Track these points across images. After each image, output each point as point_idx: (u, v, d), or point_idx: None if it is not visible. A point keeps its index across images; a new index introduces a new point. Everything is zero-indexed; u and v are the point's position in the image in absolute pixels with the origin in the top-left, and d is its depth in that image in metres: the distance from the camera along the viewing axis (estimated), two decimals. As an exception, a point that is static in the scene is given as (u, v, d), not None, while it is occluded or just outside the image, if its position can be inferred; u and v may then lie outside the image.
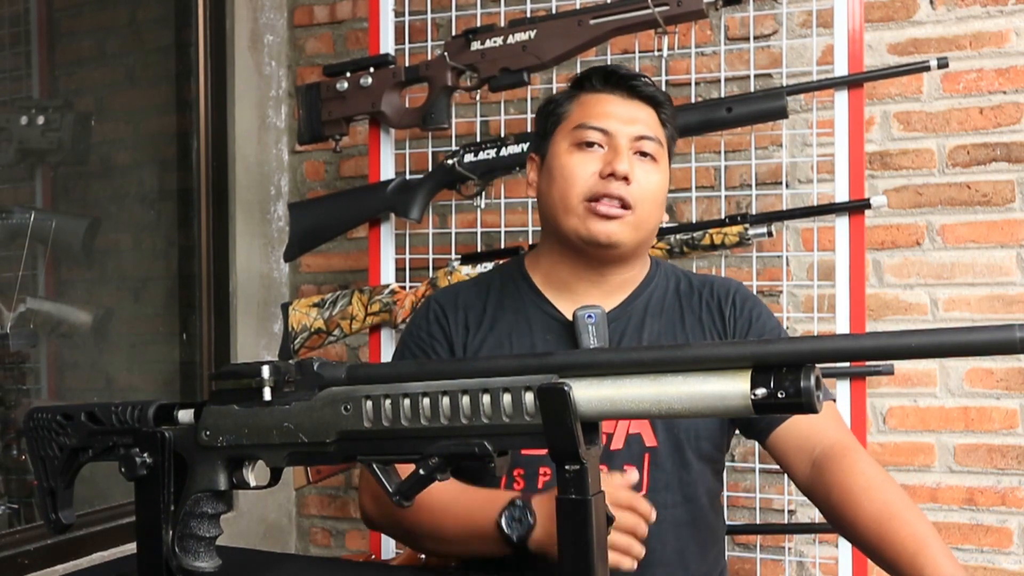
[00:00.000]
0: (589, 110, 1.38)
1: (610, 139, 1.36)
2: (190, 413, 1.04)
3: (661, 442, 1.35)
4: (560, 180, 1.37)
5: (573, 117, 1.39)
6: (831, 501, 1.26)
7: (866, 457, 1.28)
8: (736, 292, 1.44)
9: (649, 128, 1.38)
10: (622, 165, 1.33)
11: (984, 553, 2.14)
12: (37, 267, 2.28)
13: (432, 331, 1.43)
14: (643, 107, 1.39)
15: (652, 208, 1.37)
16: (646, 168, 1.36)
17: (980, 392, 2.15)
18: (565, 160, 1.37)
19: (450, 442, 0.90)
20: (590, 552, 0.83)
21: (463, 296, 1.46)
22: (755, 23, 2.17)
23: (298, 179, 2.78)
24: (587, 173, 1.35)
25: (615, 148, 1.35)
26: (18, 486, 2.08)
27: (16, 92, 2.36)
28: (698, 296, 1.44)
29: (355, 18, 2.70)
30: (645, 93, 1.40)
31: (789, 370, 0.78)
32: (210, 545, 1.03)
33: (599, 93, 1.39)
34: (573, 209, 1.35)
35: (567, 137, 1.38)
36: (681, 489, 1.35)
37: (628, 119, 1.37)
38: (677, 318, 1.41)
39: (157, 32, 2.59)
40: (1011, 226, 2.14)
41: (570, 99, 1.42)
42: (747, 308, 1.42)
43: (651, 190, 1.36)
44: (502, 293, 1.45)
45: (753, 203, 2.15)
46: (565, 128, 1.39)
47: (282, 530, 2.73)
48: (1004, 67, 2.13)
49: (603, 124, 1.36)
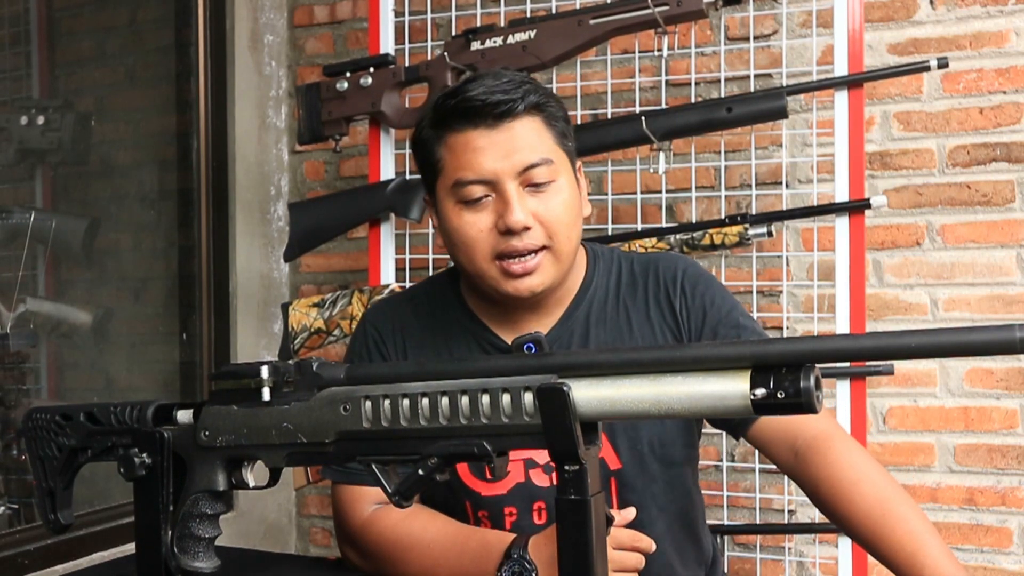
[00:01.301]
0: (460, 159, 1.24)
1: (493, 186, 1.24)
2: (189, 413, 1.04)
3: (625, 463, 1.31)
4: (460, 244, 1.27)
5: (448, 170, 1.26)
6: (820, 494, 1.24)
7: (852, 445, 1.25)
8: (684, 276, 1.35)
9: (532, 151, 1.24)
10: (515, 216, 1.22)
11: (984, 553, 2.14)
12: (37, 267, 2.28)
13: (372, 359, 1.39)
14: (516, 126, 1.24)
15: (567, 233, 1.27)
16: (543, 198, 1.25)
17: (980, 392, 2.15)
18: (456, 224, 1.26)
19: (449, 442, 0.90)
20: (590, 552, 0.83)
21: (398, 315, 1.40)
22: (755, 23, 2.17)
23: (298, 179, 2.78)
24: (484, 233, 1.25)
25: (502, 197, 1.23)
26: (18, 486, 2.08)
27: (16, 92, 2.36)
28: (643, 287, 1.35)
29: (355, 18, 2.70)
30: (514, 112, 1.23)
31: (789, 370, 0.78)
32: (209, 545, 1.03)
33: (464, 132, 1.24)
34: (485, 272, 1.27)
35: (449, 195, 1.27)
36: (653, 504, 1.32)
37: (504, 154, 1.23)
38: (623, 322, 1.34)
39: (157, 32, 2.60)
40: (1011, 226, 2.14)
41: (437, 142, 1.27)
42: (698, 294, 1.33)
43: (557, 215, 1.25)
44: (437, 315, 1.38)
45: (753, 203, 2.15)
46: (444, 184, 1.28)
47: (282, 530, 2.72)
48: (1004, 67, 2.13)
49: (480, 174, 1.23)
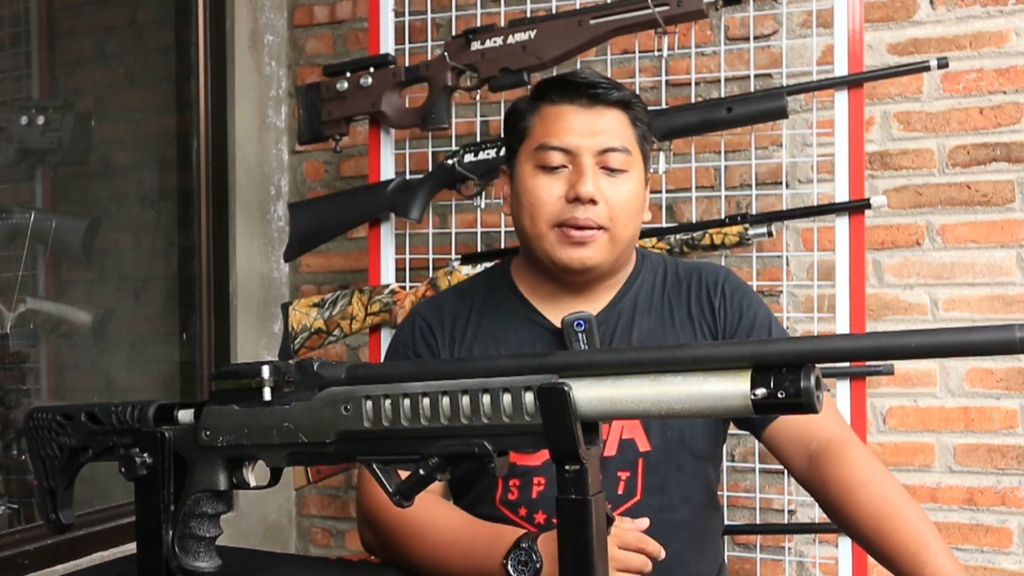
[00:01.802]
0: (549, 126, 1.33)
1: (573, 158, 1.31)
2: (190, 413, 1.04)
3: (655, 446, 1.33)
4: (527, 205, 1.34)
5: (535, 134, 1.35)
6: (829, 496, 1.25)
7: (864, 451, 1.27)
8: (725, 281, 1.41)
9: (615, 137, 1.32)
10: (586, 188, 1.29)
11: (984, 553, 2.14)
12: (37, 267, 2.28)
13: (419, 349, 1.41)
14: (607, 113, 1.33)
15: (626, 220, 1.33)
16: (614, 182, 1.32)
17: (980, 392, 2.15)
18: (530, 184, 1.33)
19: (450, 442, 0.90)
20: (590, 552, 0.83)
21: (448, 308, 1.44)
22: (755, 23, 2.17)
23: (298, 179, 2.78)
24: (552, 198, 1.32)
25: (578, 168, 1.31)
26: (18, 486, 2.08)
27: (16, 92, 2.36)
28: (686, 288, 1.41)
29: (355, 18, 2.70)
30: (608, 99, 1.33)
31: (789, 370, 0.78)
32: (210, 545, 1.03)
33: (559, 105, 1.33)
34: (543, 236, 1.33)
35: (530, 158, 1.34)
36: (677, 491, 1.34)
37: (590, 132, 1.31)
38: (666, 314, 1.39)
39: (157, 32, 2.60)
40: (1011, 226, 2.14)
41: (532, 111, 1.37)
42: (736, 298, 1.39)
43: (621, 203, 1.32)
44: (487, 301, 1.43)
45: (753, 203, 2.15)
46: (528, 147, 1.35)
47: (282, 530, 2.73)
48: (1004, 67, 2.13)
49: (564, 143, 1.31)
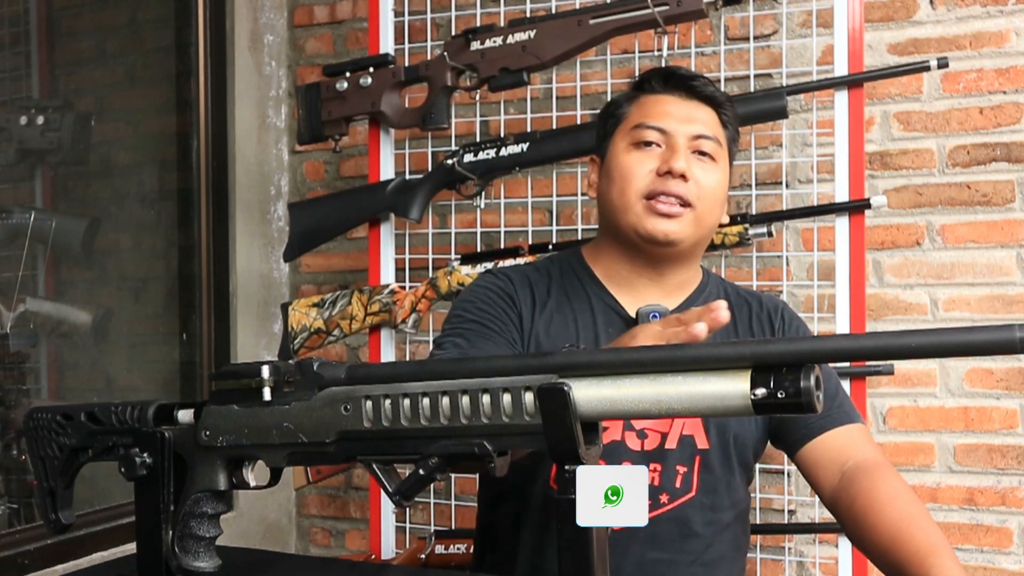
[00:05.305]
0: (647, 110, 1.40)
1: (668, 138, 1.37)
2: (190, 413, 1.04)
3: (713, 445, 1.36)
4: (618, 179, 1.38)
5: (632, 117, 1.41)
6: (855, 507, 1.27)
7: (896, 474, 1.30)
8: (784, 309, 1.48)
9: (708, 128, 1.39)
10: (679, 163, 1.34)
11: (984, 553, 2.14)
12: (37, 267, 2.28)
13: (499, 300, 1.40)
14: (702, 107, 1.41)
15: (711, 206, 1.38)
16: (704, 166, 1.37)
17: (980, 392, 2.15)
18: (623, 159, 1.39)
19: (450, 442, 0.90)
20: (590, 552, 0.83)
21: (528, 274, 1.45)
22: (755, 23, 2.17)
23: (298, 179, 2.78)
24: (644, 171, 1.36)
25: (672, 146, 1.36)
26: (18, 486, 2.08)
27: (16, 92, 2.35)
28: (747, 307, 1.46)
29: (355, 18, 2.70)
30: (704, 93, 1.41)
31: (789, 370, 0.78)
32: (210, 545, 1.03)
33: (658, 94, 1.41)
34: (631, 207, 1.36)
35: (625, 137, 1.40)
36: (727, 495, 1.37)
37: (686, 118, 1.38)
38: (730, 326, 1.41)
39: (157, 32, 2.59)
40: (1011, 226, 2.14)
41: (630, 100, 1.44)
42: (795, 326, 1.46)
43: (709, 187, 1.37)
44: (564, 281, 1.45)
45: (753, 203, 2.15)
46: (624, 128, 1.41)
47: (282, 530, 2.72)
48: (1004, 67, 2.13)
49: (660, 123, 1.38)
